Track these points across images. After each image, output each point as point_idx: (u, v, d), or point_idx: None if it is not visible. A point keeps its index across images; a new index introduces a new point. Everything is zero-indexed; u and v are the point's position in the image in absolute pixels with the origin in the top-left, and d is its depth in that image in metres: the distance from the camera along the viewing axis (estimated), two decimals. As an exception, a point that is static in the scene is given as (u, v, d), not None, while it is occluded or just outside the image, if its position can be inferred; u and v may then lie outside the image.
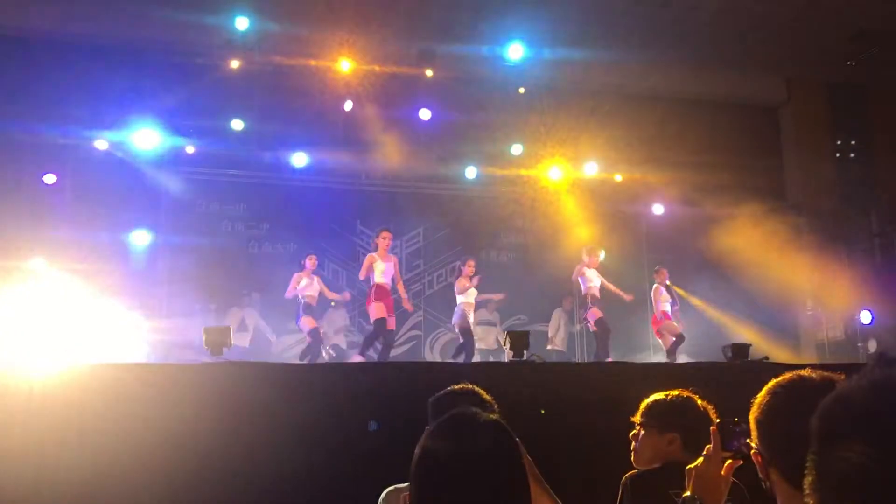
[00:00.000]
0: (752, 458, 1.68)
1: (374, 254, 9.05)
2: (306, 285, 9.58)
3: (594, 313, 9.75)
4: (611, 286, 10.13)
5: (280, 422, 5.20)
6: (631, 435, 2.80)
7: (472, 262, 9.62)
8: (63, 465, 4.82)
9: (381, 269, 8.92)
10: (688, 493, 2.01)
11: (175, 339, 9.92)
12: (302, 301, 9.57)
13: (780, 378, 1.67)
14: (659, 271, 10.41)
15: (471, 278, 9.50)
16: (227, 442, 5.01)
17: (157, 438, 4.96)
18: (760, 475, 1.64)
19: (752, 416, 1.67)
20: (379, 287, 8.89)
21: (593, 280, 9.92)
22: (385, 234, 9.09)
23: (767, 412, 1.63)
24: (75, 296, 9.50)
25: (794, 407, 1.56)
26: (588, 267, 9.96)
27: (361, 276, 9.18)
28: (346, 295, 10.61)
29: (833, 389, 0.97)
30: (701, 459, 2.01)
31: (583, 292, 10.10)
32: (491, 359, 10.79)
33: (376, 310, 8.78)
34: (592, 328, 9.88)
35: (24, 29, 10.40)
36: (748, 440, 1.73)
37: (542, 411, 5.41)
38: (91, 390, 5.10)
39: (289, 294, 9.53)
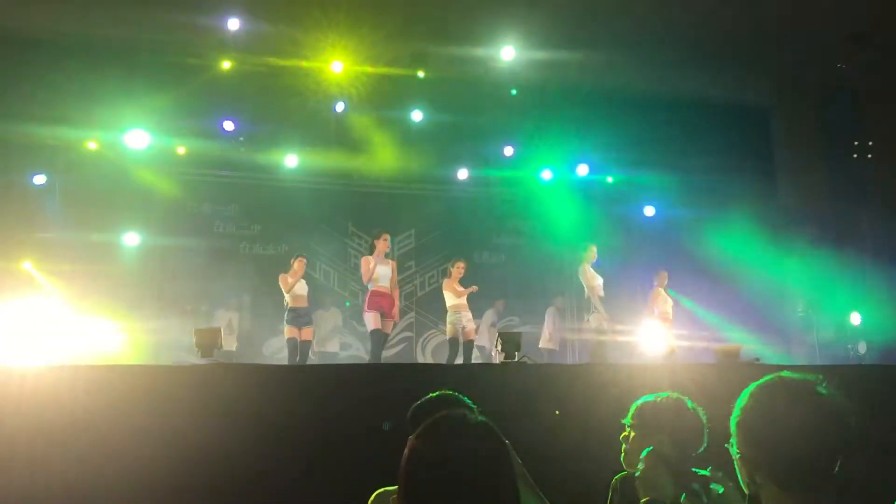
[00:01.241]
0: (736, 462, 1.65)
1: (372, 257, 8.68)
2: (298, 287, 9.03)
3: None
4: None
5: (270, 423, 5.20)
6: (621, 437, 2.80)
7: (461, 264, 9.13)
8: (53, 465, 4.80)
9: (380, 274, 8.58)
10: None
11: (165, 340, 9.89)
12: (287, 306, 8.95)
13: (760, 380, 1.65)
14: (660, 274, 10.30)
15: (459, 282, 9.03)
16: (218, 442, 4.99)
17: (147, 439, 4.95)
18: (744, 480, 1.62)
19: (734, 419, 1.65)
20: (376, 293, 8.53)
21: (597, 278, 9.47)
22: (385, 235, 8.78)
23: (750, 414, 1.61)
24: (65, 297, 9.47)
25: (776, 407, 1.55)
26: (591, 265, 9.77)
27: (365, 281, 8.71)
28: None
29: (813, 389, 0.95)
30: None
31: (587, 292, 9.88)
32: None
33: (373, 320, 8.43)
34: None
35: (14, 29, 10.33)
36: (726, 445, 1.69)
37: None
38: (81, 391, 5.09)
39: (287, 290, 8.89)
